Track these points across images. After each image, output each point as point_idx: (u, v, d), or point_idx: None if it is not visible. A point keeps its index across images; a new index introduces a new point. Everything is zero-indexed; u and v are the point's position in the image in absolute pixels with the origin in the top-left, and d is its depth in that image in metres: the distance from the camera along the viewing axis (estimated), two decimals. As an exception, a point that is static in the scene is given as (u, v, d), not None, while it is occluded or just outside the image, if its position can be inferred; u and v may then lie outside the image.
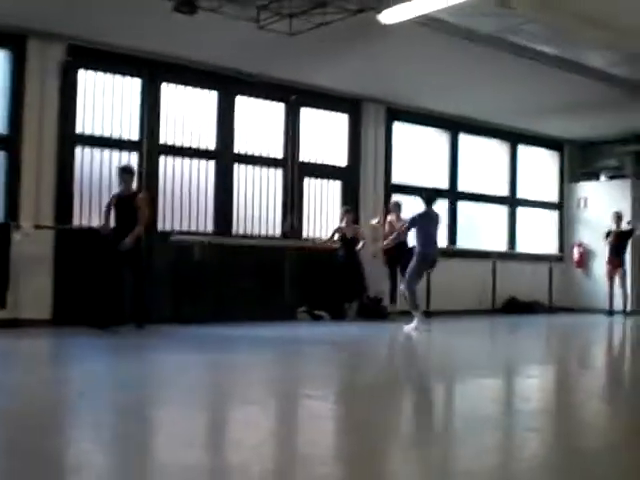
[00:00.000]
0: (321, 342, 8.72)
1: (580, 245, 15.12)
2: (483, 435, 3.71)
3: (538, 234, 15.21)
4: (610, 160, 15.26)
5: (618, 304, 13.39)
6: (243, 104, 11.03)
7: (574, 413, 4.62)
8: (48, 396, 4.68)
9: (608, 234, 13.65)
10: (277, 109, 11.41)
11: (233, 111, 10.92)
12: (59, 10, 8.42)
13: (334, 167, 12.06)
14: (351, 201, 12.01)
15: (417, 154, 13.19)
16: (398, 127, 12.78)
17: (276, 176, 11.38)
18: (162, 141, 10.26)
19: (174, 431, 3.66)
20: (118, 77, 9.97)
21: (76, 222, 9.55)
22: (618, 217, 13.56)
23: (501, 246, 14.29)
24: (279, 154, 11.41)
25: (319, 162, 11.85)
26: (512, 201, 14.66)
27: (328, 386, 5.44)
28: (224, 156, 10.85)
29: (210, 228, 10.73)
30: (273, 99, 11.33)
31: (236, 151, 10.96)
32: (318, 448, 3.42)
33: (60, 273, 9.25)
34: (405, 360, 7.84)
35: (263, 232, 11.21)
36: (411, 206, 11.45)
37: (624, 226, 13.71)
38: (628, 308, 13.46)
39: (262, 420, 4.13)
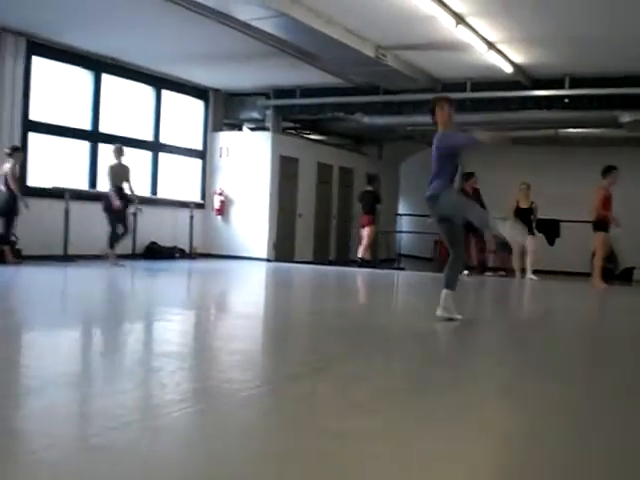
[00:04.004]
0: None
1: (221, 193, 16.42)
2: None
3: (181, 181, 16.21)
4: (253, 112, 16.70)
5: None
6: None
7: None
8: None
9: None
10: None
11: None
12: None
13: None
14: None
15: (59, 93, 13.42)
16: (38, 62, 12.87)
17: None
18: None
19: None
20: None
21: None
22: None
23: (143, 191, 15.04)
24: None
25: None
26: (156, 146, 15.48)
27: None
28: None
29: None
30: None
31: None
32: None
33: None
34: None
35: None
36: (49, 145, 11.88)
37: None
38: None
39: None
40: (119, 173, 12.51)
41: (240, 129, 16.95)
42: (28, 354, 5.12)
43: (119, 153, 12.61)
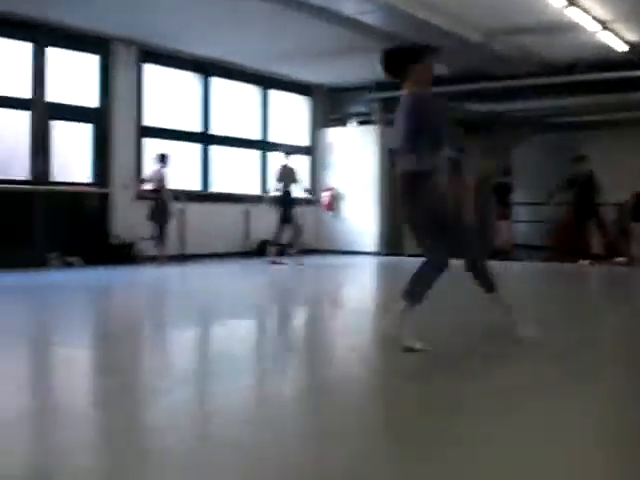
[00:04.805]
0: (72, 288, 9.24)
1: (330, 189, 16.61)
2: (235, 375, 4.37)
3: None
4: (358, 106, 16.83)
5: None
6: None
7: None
8: None
9: None
10: (22, 49, 11.61)
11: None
12: None
13: (84, 109, 12.51)
14: (102, 144, 12.56)
15: (169, 97, 13.90)
16: (150, 69, 13.38)
17: (23, 118, 11.63)
18: None
19: None
20: None
21: None
22: None
23: (254, 190, 15.37)
24: (26, 95, 11.65)
25: (68, 104, 12.23)
26: (264, 145, 15.79)
27: (80, 332, 5.81)
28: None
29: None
30: (17, 38, 11.52)
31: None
32: (69, 393, 3.85)
33: None
34: (160, 303, 8.57)
35: (10, 177, 11.47)
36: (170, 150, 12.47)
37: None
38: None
39: (13, 368, 4.47)
40: (287, 175, 13.11)
41: (345, 124, 17.12)
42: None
43: (287, 155, 13.27)
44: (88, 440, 3.08)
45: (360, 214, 16.28)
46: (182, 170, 13.93)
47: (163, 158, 12.47)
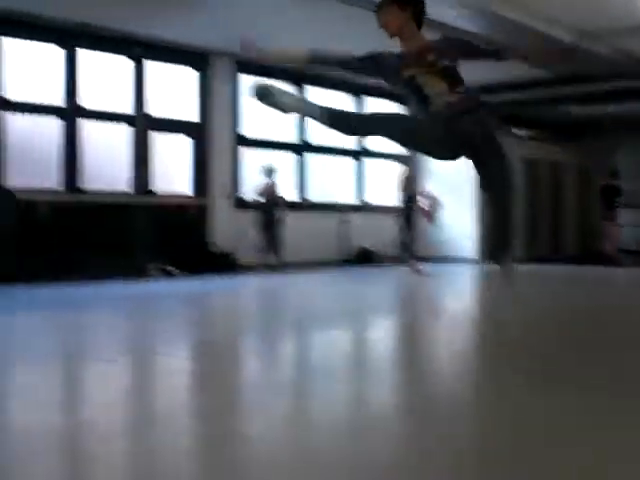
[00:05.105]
0: (172, 298, 9.40)
1: (428, 196, 16.49)
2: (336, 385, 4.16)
3: (386, 186, 16.45)
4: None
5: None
6: (87, 58, 11.61)
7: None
8: None
9: None
10: (122, 63, 12.03)
11: (76, 65, 11.48)
12: None
13: (183, 122, 12.84)
14: (201, 155, 12.86)
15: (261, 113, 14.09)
16: (247, 80, 13.59)
17: (124, 131, 12.03)
18: (6, 98, 10.74)
19: (26, 391, 3.95)
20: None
21: None
22: None
23: (350, 198, 15.45)
24: (126, 109, 12.05)
25: (167, 117, 12.59)
26: (360, 153, 15.87)
27: (181, 342, 5.82)
28: (69, 111, 11.40)
29: (57, 185, 11.28)
30: (118, 52, 11.93)
31: (82, 106, 11.52)
32: (171, 404, 3.75)
33: None
34: (262, 312, 8.55)
35: (112, 188, 11.86)
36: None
37: None
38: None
39: (117, 377, 4.46)
40: (409, 184, 13.44)
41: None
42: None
43: (406, 165, 13.61)
44: (189, 449, 3.05)
45: (459, 221, 16.16)
46: (281, 179, 14.13)
47: (270, 172, 12.93)
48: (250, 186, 13.33)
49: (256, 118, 13.77)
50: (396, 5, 4.85)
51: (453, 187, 16.20)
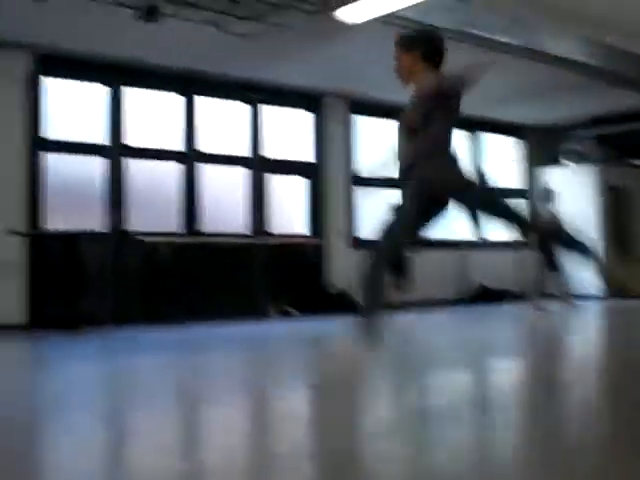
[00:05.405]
0: (292, 339, 9.36)
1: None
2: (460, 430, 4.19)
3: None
4: (572, 145, 16.36)
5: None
6: (205, 104, 11.96)
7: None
8: (21, 402, 4.99)
9: None
10: (239, 108, 12.31)
11: (195, 112, 11.84)
12: (23, 20, 9.24)
13: (298, 163, 13.03)
14: (316, 196, 12.98)
15: (379, 146, 14.14)
16: (360, 120, 13.73)
17: (241, 174, 12.28)
18: (127, 144, 11.15)
19: (148, 435, 3.94)
20: (83, 83, 10.93)
21: (47, 226, 10.38)
22: None
23: (469, 235, 15.26)
24: (243, 152, 12.30)
25: (283, 159, 12.78)
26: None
27: (301, 384, 5.67)
28: (188, 156, 11.72)
29: (177, 228, 11.58)
30: (234, 98, 12.22)
31: (200, 150, 11.84)
32: (292, 447, 3.64)
33: (34, 277, 10.09)
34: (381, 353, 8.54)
35: (230, 230, 12.08)
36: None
37: None
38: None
39: (238, 422, 4.41)
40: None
41: (561, 164, 16.66)
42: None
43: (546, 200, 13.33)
44: None
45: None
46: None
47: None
48: (367, 225, 13.34)
49: (369, 158, 13.83)
50: (399, 46, 4.62)
51: (577, 222, 15.76)
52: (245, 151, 12.40)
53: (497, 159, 16.22)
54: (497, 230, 15.73)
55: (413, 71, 4.78)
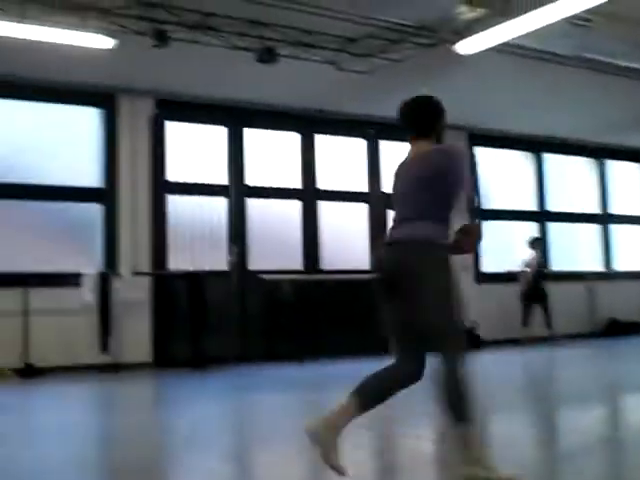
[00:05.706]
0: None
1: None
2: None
3: (635, 250, 15.59)
4: None
5: None
6: (324, 142, 12.11)
7: None
8: (150, 441, 5.17)
9: None
10: (357, 144, 12.37)
11: (314, 150, 11.97)
12: (146, 68, 9.59)
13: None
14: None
15: (502, 178, 13.95)
16: (480, 152, 13.55)
17: (361, 210, 12.28)
18: (249, 184, 11.35)
19: (280, 475, 4.03)
20: (204, 126, 11.21)
21: (171, 267, 10.61)
22: None
23: (597, 265, 14.77)
24: (362, 188, 12.32)
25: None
26: (604, 218, 15.21)
27: (430, 424, 5.52)
28: (308, 194, 11.82)
29: (299, 266, 11.65)
30: (352, 135, 12.30)
31: (319, 188, 11.94)
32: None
33: (158, 316, 10.33)
34: (516, 389, 8.10)
35: (351, 266, 12.05)
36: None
37: None
38: None
39: (367, 463, 4.44)
40: None
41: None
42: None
43: None
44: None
45: None
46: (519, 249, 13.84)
47: (535, 242, 13.03)
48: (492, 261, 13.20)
49: (494, 190, 13.68)
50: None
51: None
52: (364, 187, 12.41)
53: (624, 186, 15.67)
54: (625, 259, 15.22)
55: None
